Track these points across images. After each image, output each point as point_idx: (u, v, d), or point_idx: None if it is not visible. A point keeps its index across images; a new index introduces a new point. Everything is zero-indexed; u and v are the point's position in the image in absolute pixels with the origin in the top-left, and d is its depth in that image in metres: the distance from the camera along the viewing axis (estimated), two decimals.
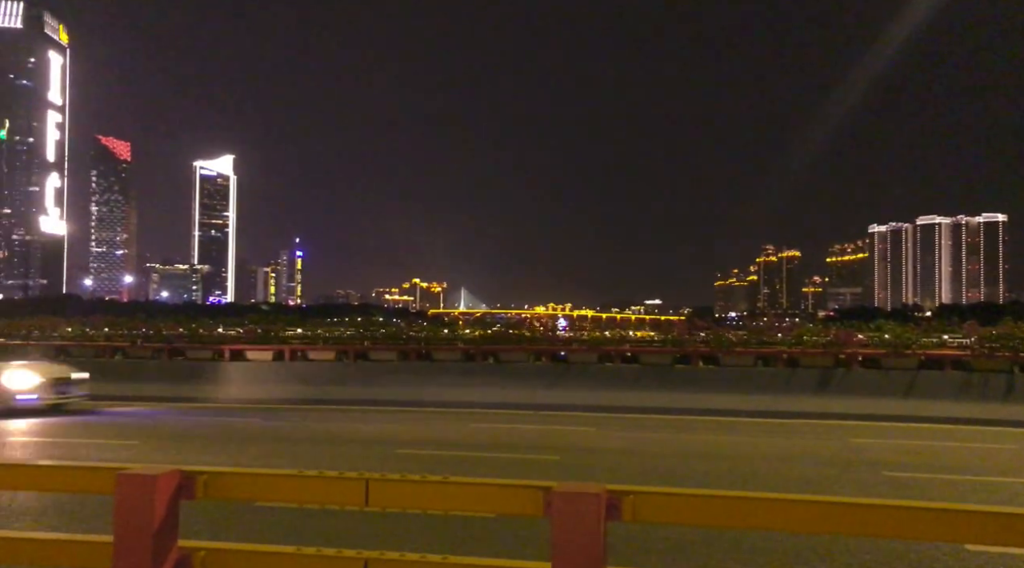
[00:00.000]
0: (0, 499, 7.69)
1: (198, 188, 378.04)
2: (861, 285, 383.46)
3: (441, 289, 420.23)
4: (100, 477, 4.06)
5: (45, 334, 23.58)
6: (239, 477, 3.99)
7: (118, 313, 36.22)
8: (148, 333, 23.12)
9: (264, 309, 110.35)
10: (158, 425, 14.94)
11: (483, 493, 3.75)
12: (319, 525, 7.07)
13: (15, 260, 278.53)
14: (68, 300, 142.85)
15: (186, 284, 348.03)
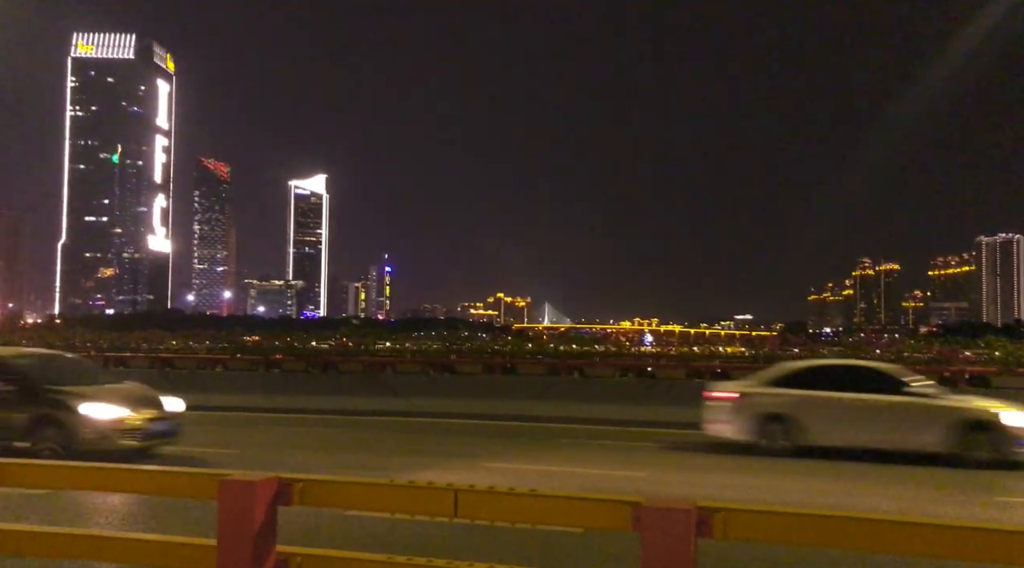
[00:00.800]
0: (105, 502, 8.15)
1: (293, 207, 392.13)
2: (967, 299, 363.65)
3: (525, 304, 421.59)
4: (202, 482, 4.26)
5: (152, 347, 24.85)
6: (333, 485, 4.11)
7: (218, 327, 37.91)
8: (247, 346, 24.06)
9: (354, 323, 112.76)
10: (256, 433, 15.51)
11: (571, 506, 3.75)
12: (408, 534, 7.19)
13: (125, 276, 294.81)
14: (172, 314, 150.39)
15: (281, 299, 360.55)
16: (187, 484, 4.32)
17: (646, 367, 19.88)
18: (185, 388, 21.01)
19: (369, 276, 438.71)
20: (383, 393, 20.01)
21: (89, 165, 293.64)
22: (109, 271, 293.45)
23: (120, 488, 4.55)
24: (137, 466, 4.47)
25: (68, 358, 14.84)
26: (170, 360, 22.88)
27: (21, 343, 26.35)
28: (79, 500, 8.37)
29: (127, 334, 28.15)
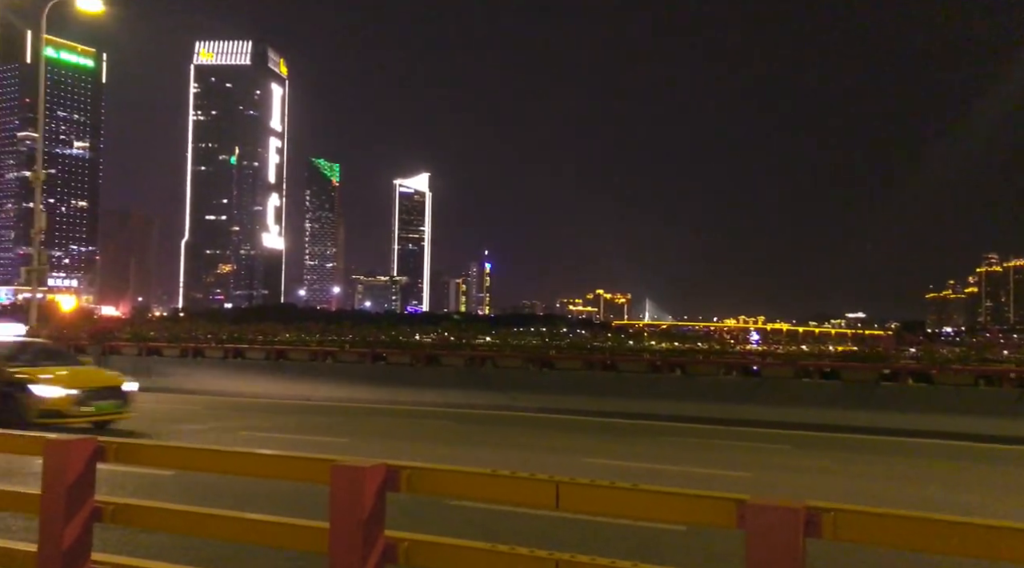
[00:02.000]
0: (219, 484, 8.62)
1: (397, 204, 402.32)
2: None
3: (625, 300, 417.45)
4: (316, 467, 4.45)
5: (268, 339, 26.06)
6: (439, 473, 4.22)
7: (328, 321, 39.42)
8: (354, 339, 24.89)
9: (455, 318, 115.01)
10: (363, 423, 16.05)
11: (673, 502, 3.71)
12: (510, 526, 7.29)
13: (242, 272, 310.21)
14: (286, 308, 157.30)
15: (386, 294, 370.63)
16: (302, 468, 4.53)
17: (751, 366, 19.34)
18: (297, 379, 22.05)
19: (470, 272, 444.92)
20: (484, 387, 20.28)
21: (210, 167, 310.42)
22: (228, 267, 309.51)
23: (239, 471, 4.81)
24: (255, 450, 4.73)
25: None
26: (284, 352, 23.92)
27: (149, 334, 28.21)
28: (196, 481, 8.89)
29: (244, 327, 29.65)
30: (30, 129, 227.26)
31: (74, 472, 4.70)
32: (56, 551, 4.58)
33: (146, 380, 23.28)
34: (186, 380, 22.99)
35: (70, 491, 4.66)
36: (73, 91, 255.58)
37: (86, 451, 4.79)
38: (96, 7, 28.38)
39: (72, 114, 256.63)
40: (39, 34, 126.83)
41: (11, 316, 59.13)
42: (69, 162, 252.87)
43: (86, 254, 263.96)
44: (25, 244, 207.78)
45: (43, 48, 36.15)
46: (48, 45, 34.53)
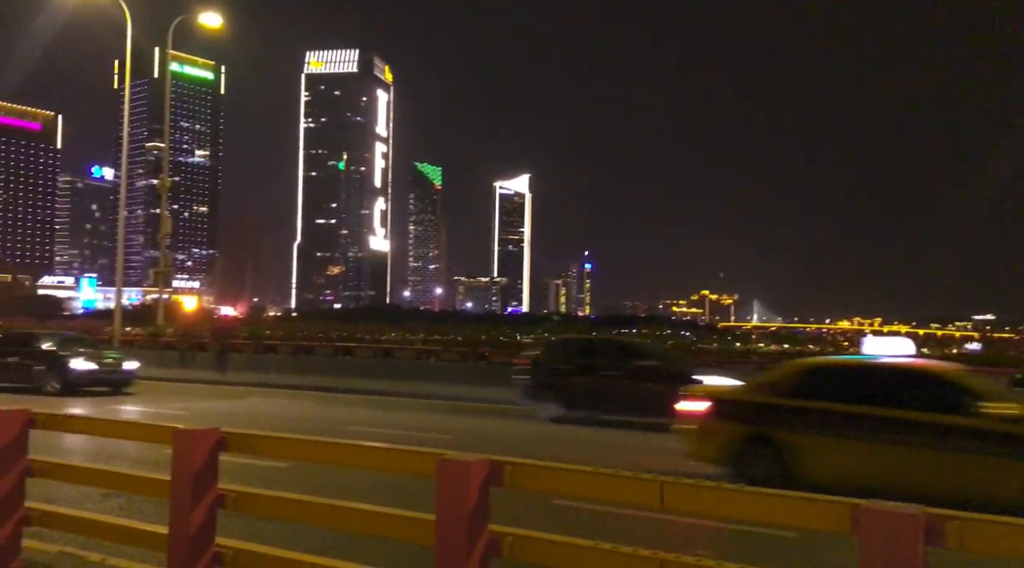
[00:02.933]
0: (330, 476, 8.95)
1: (498, 206, 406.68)
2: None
3: (732, 301, 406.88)
4: (423, 461, 4.56)
5: (375, 338, 26.91)
6: (542, 470, 4.25)
7: (431, 321, 40.24)
8: (457, 339, 25.35)
9: (555, 319, 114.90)
10: (466, 420, 16.31)
11: (783, 505, 3.60)
12: (611, 526, 7.25)
13: (350, 274, 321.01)
14: (391, 309, 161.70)
15: (487, 295, 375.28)
16: (410, 462, 4.65)
17: None
18: (402, 376, 22.61)
19: (570, 273, 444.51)
20: None
21: (319, 172, 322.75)
22: (336, 269, 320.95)
23: (351, 463, 4.99)
24: (366, 444, 4.89)
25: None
26: (390, 351, 24.64)
27: (264, 333, 29.58)
28: (308, 472, 9.26)
29: (352, 326, 30.70)
30: (157, 140, 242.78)
31: (199, 460, 4.99)
32: (184, 534, 4.88)
33: (261, 376, 24.50)
34: (298, 377, 23.99)
35: (196, 478, 4.96)
36: (195, 103, 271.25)
37: (210, 441, 5.08)
38: (216, 22, 30.03)
39: (194, 124, 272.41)
40: (165, 50, 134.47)
41: (139, 316, 62.99)
42: (191, 170, 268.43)
43: (207, 257, 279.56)
44: (152, 248, 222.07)
45: (169, 64, 38.47)
46: (173, 60, 37.15)
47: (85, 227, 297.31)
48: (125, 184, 33.06)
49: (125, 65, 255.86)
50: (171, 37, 31.03)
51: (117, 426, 5.94)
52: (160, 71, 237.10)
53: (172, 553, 4.91)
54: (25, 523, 5.75)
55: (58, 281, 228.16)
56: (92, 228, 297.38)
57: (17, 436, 5.76)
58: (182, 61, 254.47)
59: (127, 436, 5.91)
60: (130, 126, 34.96)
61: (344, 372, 23.66)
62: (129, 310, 42.77)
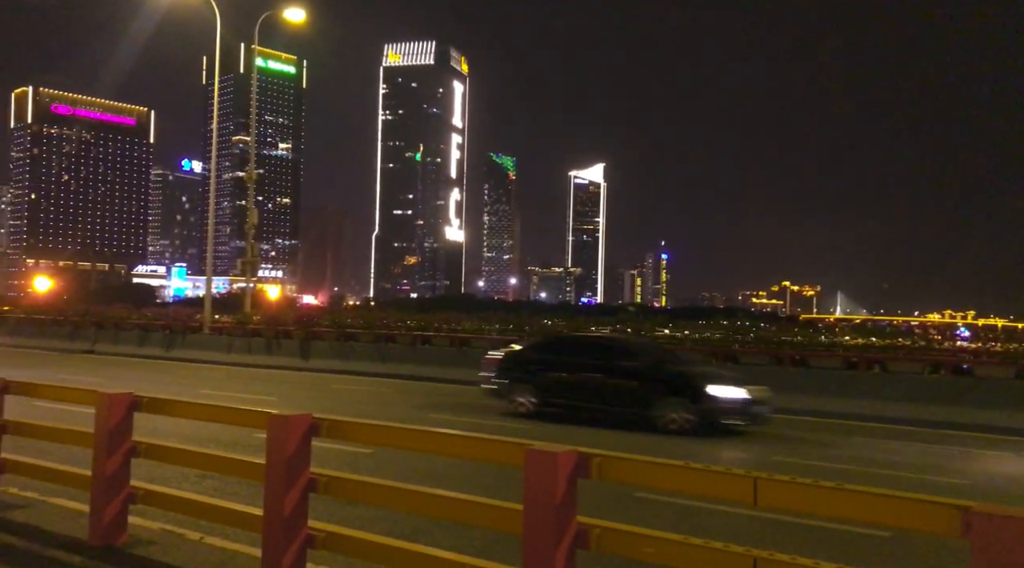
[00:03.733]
0: (412, 462, 9.09)
1: (572, 196, 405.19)
2: None
3: (814, 293, 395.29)
4: (510, 450, 4.58)
5: (451, 327, 27.17)
6: (630, 462, 4.21)
7: (507, 311, 40.40)
8: (531, 329, 25.37)
9: (630, 310, 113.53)
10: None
11: (884, 505, 3.47)
12: (697, 523, 7.14)
13: (426, 264, 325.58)
14: (466, 298, 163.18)
15: (561, 285, 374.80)
16: (496, 451, 4.68)
17: (962, 364, 17.66)
18: (477, 366, 22.77)
19: (645, 263, 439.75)
20: None
21: (397, 164, 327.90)
22: (413, 259, 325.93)
23: (437, 450, 5.06)
24: (452, 432, 4.94)
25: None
26: (467, 340, 24.83)
27: (346, 322, 30.27)
28: (390, 458, 9.44)
29: (429, 315, 31.07)
30: (243, 133, 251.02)
31: (293, 445, 5.14)
32: (279, 516, 5.03)
33: (343, 363, 25.10)
34: (378, 365, 24.46)
35: (289, 463, 5.11)
36: (278, 97, 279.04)
37: (303, 426, 5.23)
38: (299, 17, 30.76)
39: (277, 118, 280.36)
40: (251, 47, 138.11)
41: (226, 304, 65.27)
42: (275, 162, 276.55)
43: (289, 247, 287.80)
44: (238, 239, 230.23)
45: (255, 60, 39.63)
46: (257, 55, 37.99)
47: (175, 218, 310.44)
48: (215, 178, 34.26)
49: (214, 61, 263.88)
50: (257, 33, 31.96)
51: (214, 410, 6.17)
52: (246, 67, 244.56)
53: (267, 534, 5.08)
54: (131, 501, 6.05)
55: (151, 270, 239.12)
56: (182, 219, 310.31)
57: (123, 418, 6.05)
58: (266, 56, 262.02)
59: (223, 420, 6.13)
60: (218, 121, 36.20)
61: (422, 360, 24.01)
62: (217, 298, 44.38)
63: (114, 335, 32.31)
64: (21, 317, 38.64)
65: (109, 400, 6.04)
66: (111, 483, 5.95)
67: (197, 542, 6.02)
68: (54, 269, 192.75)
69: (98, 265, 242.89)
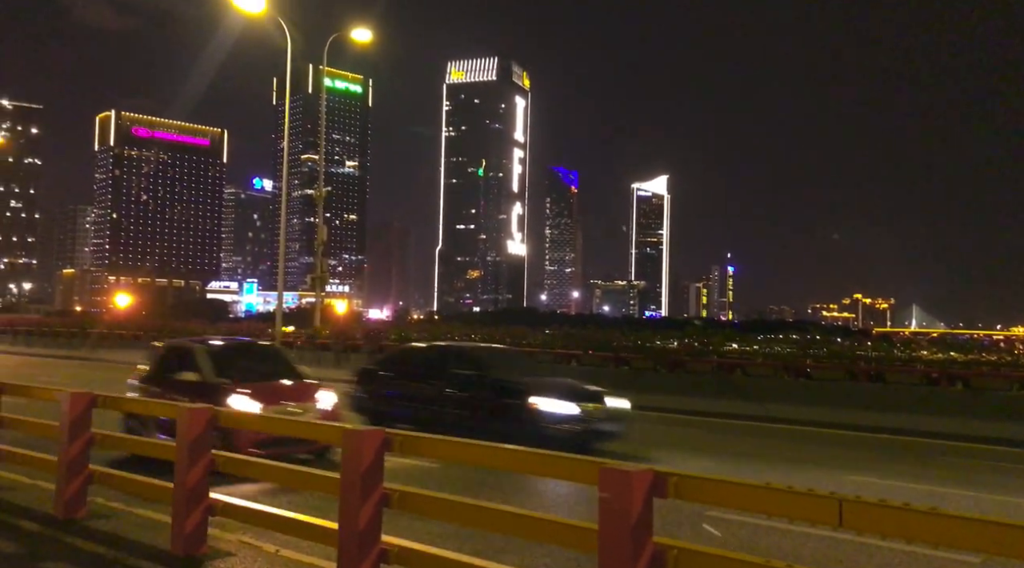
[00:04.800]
0: (480, 477, 9.07)
1: (635, 208, 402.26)
2: None
3: (888, 306, 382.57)
4: (583, 468, 4.53)
5: (516, 341, 27.20)
6: (708, 482, 4.11)
7: (572, 324, 40.27)
8: (598, 343, 25.21)
9: (696, 324, 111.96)
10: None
11: (983, 531, 3.30)
12: (773, 543, 6.93)
13: (488, 277, 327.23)
14: (529, 312, 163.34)
15: (624, 299, 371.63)
16: (569, 468, 4.63)
17: None
18: None
19: (711, 276, 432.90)
20: (733, 395, 19.56)
21: (459, 179, 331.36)
22: (476, 273, 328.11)
23: (508, 466, 5.04)
24: (524, 448, 4.92)
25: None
26: (532, 353, 24.81)
27: (412, 336, 30.61)
28: (457, 473, 9.44)
29: (493, 329, 31.19)
30: (311, 152, 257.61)
31: (367, 460, 5.20)
32: (353, 530, 5.08)
33: None
34: None
35: (364, 477, 5.16)
36: (344, 115, 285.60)
37: (376, 441, 5.28)
38: (366, 38, 31.45)
39: (344, 136, 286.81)
40: (319, 67, 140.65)
41: (295, 318, 66.76)
42: (341, 180, 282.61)
43: (355, 262, 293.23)
44: (307, 254, 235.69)
45: (323, 80, 40.57)
46: (325, 75, 38.95)
47: (247, 235, 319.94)
48: (286, 196, 35.19)
49: (284, 83, 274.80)
50: (326, 54, 32.78)
51: (289, 424, 6.30)
52: (314, 87, 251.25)
53: (342, 548, 5.13)
54: (210, 512, 6.21)
55: (223, 286, 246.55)
56: (253, 236, 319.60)
57: (202, 432, 6.23)
58: (333, 76, 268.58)
59: (298, 433, 6.25)
60: (284, 139, 37.13)
61: None
62: (287, 313, 45.42)
63: None
64: (104, 332, 40.27)
65: (190, 414, 6.23)
66: (192, 495, 6.12)
67: (273, 555, 6.13)
68: (133, 285, 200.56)
69: (174, 281, 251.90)
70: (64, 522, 6.83)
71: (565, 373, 22.87)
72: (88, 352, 36.97)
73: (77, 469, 6.96)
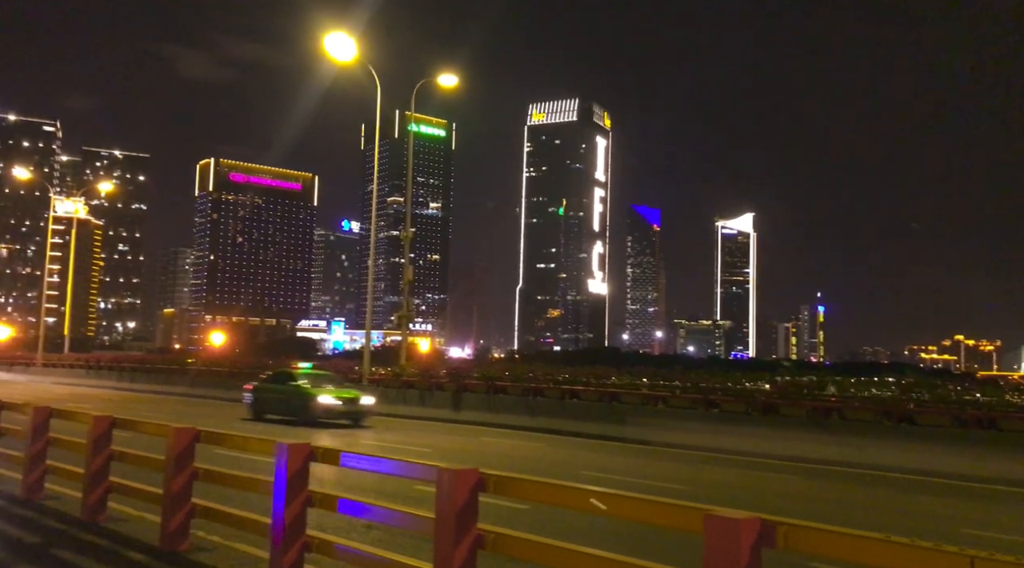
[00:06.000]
0: (569, 521, 8.89)
1: (719, 246, 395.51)
2: None
3: (993, 347, 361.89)
4: (687, 516, 4.37)
5: (600, 382, 26.87)
6: (823, 533, 3.90)
7: (657, 365, 39.56)
8: (685, 385, 24.63)
9: (785, 365, 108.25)
10: (699, 471, 15.66)
11: None
12: None
13: (568, 316, 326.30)
14: (611, 352, 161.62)
15: (709, 339, 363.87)
16: (671, 515, 4.47)
17: None
18: (629, 422, 22.32)
19: (800, 316, 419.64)
20: (828, 440, 18.72)
21: (540, 219, 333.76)
22: (556, 312, 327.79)
23: (609, 512, 4.90)
24: (624, 493, 4.78)
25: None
26: (616, 394, 24.45)
27: (494, 374, 30.65)
28: (548, 515, 9.28)
29: (576, 369, 30.93)
30: (397, 194, 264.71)
31: (461, 499, 5.15)
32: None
33: (492, 416, 25.38)
34: (526, 418, 24.51)
35: (459, 517, 5.12)
36: (428, 158, 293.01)
37: (471, 481, 5.24)
38: (452, 82, 32.27)
39: (428, 179, 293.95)
40: (405, 113, 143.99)
41: (381, 356, 67.87)
42: (425, 221, 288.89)
43: (438, 301, 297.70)
44: (392, 294, 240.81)
45: (409, 125, 41.83)
46: (410, 121, 40.16)
47: (335, 275, 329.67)
48: (375, 237, 36.09)
49: (372, 129, 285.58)
50: (413, 100, 33.79)
51: (383, 461, 6.32)
52: (400, 132, 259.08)
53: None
54: (307, 549, 6.27)
55: (313, 324, 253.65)
56: (341, 276, 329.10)
57: (301, 468, 6.32)
58: (418, 121, 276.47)
59: (391, 471, 6.27)
60: (373, 183, 38.22)
61: (571, 415, 23.81)
62: (372, 351, 46.29)
63: None
64: (201, 369, 41.93)
65: (288, 450, 6.33)
66: (290, 531, 6.19)
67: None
68: (228, 324, 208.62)
69: (266, 320, 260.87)
70: (168, 554, 7.00)
71: (652, 415, 22.44)
72: (187, 388, 38.54)
73: (181, 502, 7.16)
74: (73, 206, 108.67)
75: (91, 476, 8.42)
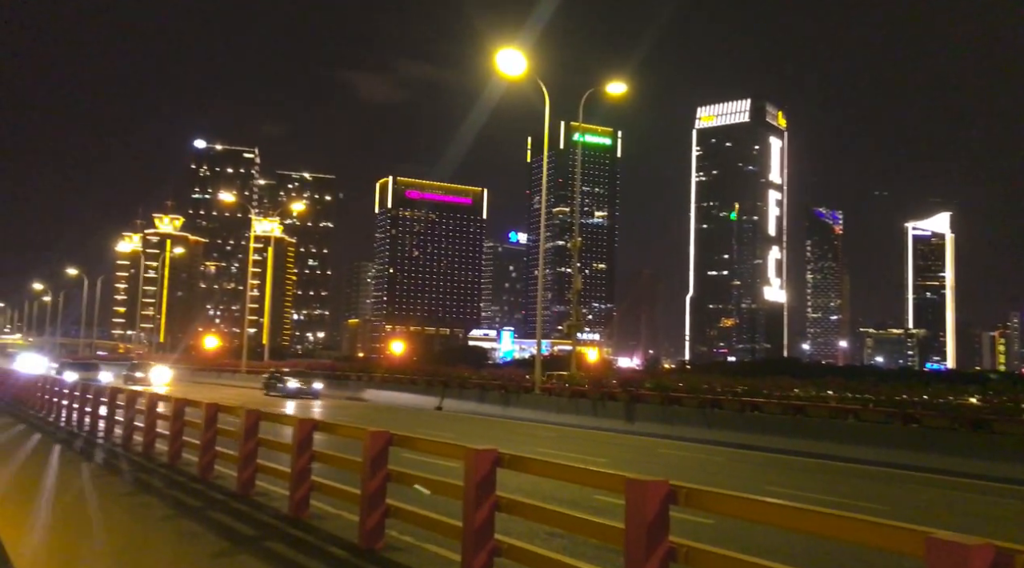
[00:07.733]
0: (756, 537, 8.43)
1: (910, 250, 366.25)
2: None
3: None
4: (903, 537, 4.02)
5: (782, 394, 25.54)
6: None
7: (844, 377, 37.06)
8: (879, 398, 22.89)
9: (991, 378, 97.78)
10: (901, 493, 14.49)
11: None
12: None
13: (743, 326, 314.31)
14: (791, 362, 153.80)
15: (900, 349, 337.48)
16: (889, 536, 4.13)
17: None
18: (815, 436, 21.05)
19: (1009, 323, 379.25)
20: None
21: (711, 224, 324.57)
22: (729, 321, 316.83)
23: (810, 529, 4.59)
24: (832, 511, 4.47)
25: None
26: (801, 408, 23.14)
27: (669, 384, 30.01)
28: (732, 530, 8.88)
29: (756, 380, 29.61)
30: (562, 205, 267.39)
31: (651, 511, 5.03)
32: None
33: (667, 428, 24.82)
34: (703, 430, 23.77)
35: (649, 529, 5.00)
36: (594, 167, 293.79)
37: (661, 493, 5.11)
38: (620, 90, 32.12)
39: (593, 188, 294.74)
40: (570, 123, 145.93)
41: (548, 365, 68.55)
42: (591, 230, 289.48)
43: (605, 311, 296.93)
44: (558, 303, 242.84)
45: (574, 135, 42.05)
46: (575, 130, 40.15)
47: (504, 286, 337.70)
48: (543, 248, 36.56)
49: (538, 141, 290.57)
50: (581, 109, 33.99)
51: (569, 471, 6.32)
52: (565, 142, 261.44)
53: None
54: (496, 554, 6.37)
55: (483, 334, 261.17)
56: (509, 286, 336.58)
57: (488, 473, 6.44)
58: (584, 130, 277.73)
59: (577, 481, 6.26)
60: (540, 194, 38.79)
61: (752, 428, 22.80)
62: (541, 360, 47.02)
63: (458, 393, 35.67)
64: (385, 376, 44.59)
65: (476, 456, 6.48)
66: (479, 535, 6.33)
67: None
68: (406, 333, 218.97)
69: (440, 329, 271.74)
70: (365, 551, 7.40)
71: (842, 429, 21.03)
72: (374, 394, 41.08)
73: (376, 503, 7.53)
74: (270, 226, 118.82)
75: (296, 475, 9.06)
